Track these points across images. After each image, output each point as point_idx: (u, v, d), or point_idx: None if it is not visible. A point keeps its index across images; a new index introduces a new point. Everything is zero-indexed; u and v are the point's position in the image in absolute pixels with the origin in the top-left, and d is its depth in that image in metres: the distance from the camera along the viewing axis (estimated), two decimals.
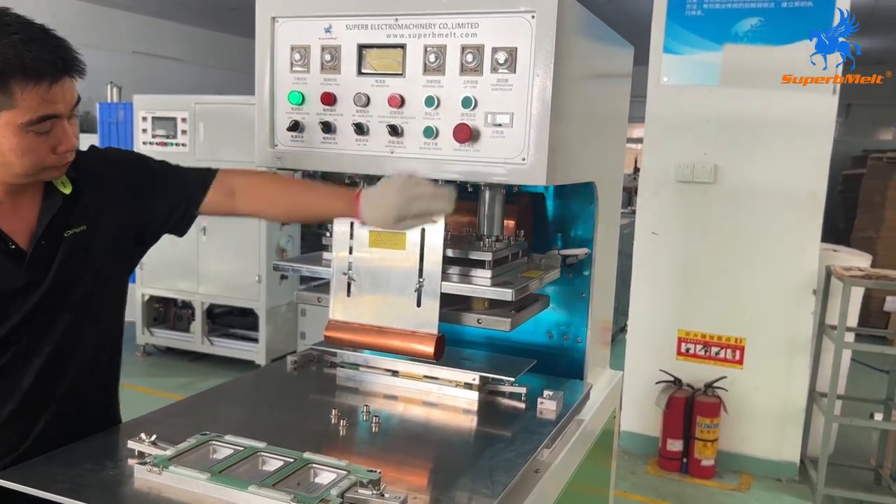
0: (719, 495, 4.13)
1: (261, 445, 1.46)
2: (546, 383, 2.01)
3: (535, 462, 1.61)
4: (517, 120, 1.62)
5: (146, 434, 1.46)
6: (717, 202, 4.29)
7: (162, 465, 1.36)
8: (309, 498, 1.27)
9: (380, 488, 1.30)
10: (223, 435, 1.50)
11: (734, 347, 4.35)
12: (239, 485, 1.30)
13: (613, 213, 2.41)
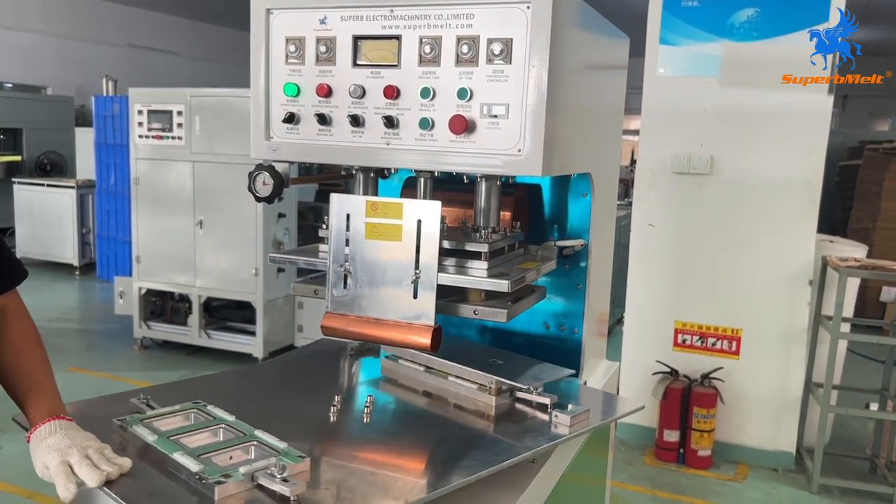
0: (716, 485, 4.15)
1: (229, 419, 1.62)
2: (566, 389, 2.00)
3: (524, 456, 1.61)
4: (513, 111, 1.62)
5: (144, 395, 1.71)
6: (713, 193, 4.30)
7: (130, 423, 1.57)
8: (216, 469, 1.38)
9: (283, 472, 1.34)
10: (207, 405, 1.68)
11: (730, 338, 4.36)
12: (170, 449, 1.45)
13: (610, 204, 2.41)
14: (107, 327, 7.03)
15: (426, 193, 1.91)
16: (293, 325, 6.14)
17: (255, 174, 1.91)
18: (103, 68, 10.59)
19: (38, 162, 11.86)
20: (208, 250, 5.97)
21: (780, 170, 4.14)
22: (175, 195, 5.97)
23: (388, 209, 1.75)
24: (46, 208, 9.39)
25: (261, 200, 1.91)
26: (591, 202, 2.13)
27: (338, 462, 1.55)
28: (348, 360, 2.24)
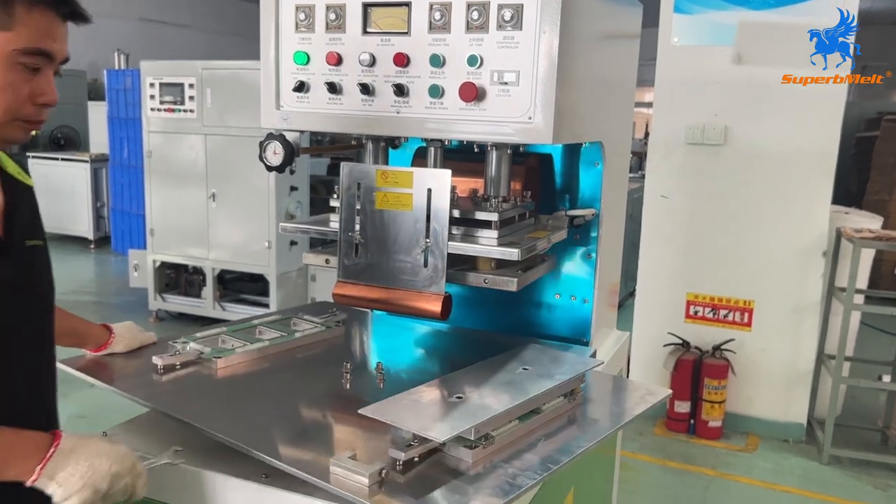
0: (726, 456, 4.17)
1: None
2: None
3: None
4: (523, 78, 1.61)
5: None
6: (726, 164, 4.26)
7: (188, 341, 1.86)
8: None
9: None
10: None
11: (742, 310, 4.35)
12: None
13: (621, 174, 2.40)
14: (122, 300, 7.10)
15: (437, 163, 1.91)
16: (306, 297, 6.18)
17: (266, 143, 1.92)
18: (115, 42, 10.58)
19: (52, 136, 11.91)
20: (221, 223, 5.99)
21: (794, 140, 4.10)
22: (187, 168, 5.98)
23: (398, 178, 1.75)
24: (61, 182, 9.44)
25: (272, 170, 1.92)
26: (603, 171, 2.12)
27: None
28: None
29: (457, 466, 1.35)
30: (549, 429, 1.53)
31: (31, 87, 1.23)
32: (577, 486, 1.94)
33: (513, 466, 1.35)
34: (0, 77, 1.19)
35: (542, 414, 1.53)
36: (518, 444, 1.45)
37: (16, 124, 1.25)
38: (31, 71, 1.22)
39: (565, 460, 1.40)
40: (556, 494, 1.79)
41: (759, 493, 3.80)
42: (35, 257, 1.38)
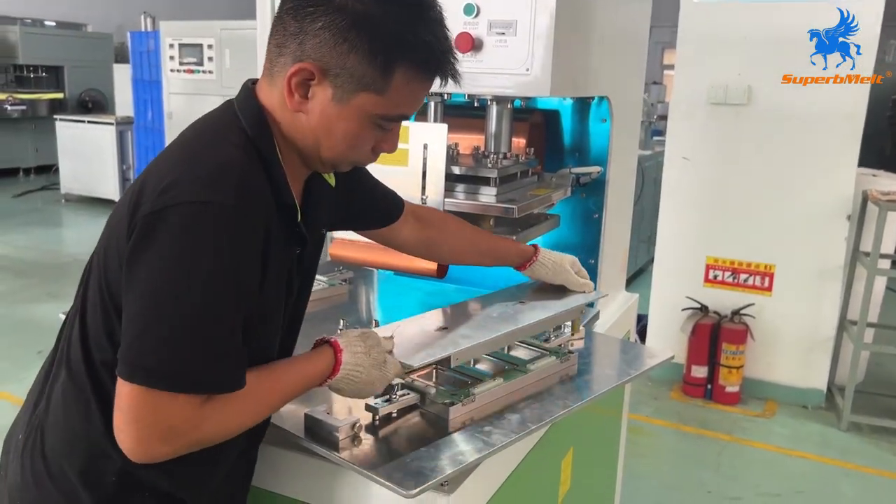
0: (743, 421, 4.13)
1: None
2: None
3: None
4: (521, 28, 1.56)
5: None
6: (749, 125, 4.15)
7: None
8: None
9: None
10: None
11: (763, 274, 4.27)
12: None
13: (631, 131, 2.34)
14: None
15: (437, 118, 1.88)
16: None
17: None
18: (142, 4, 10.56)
19: (80, 99, 12.01)
20: None
21: (820, 100, 3.96)
22: None
23: None
24: (87, 145, 9.53)
25: None
26: (610, 128, 2.06)
27: None
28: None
29: (434, 423, 1.34)
30: (536, 389, 1.51)
31: (378, 139, 1.21)
32: (576, 446, 1.93)
33: (491, 425, 1.34)
34: (353, 134, 1.17)
35: (531, 373, 1.51)
36: (500, 402, 1.43)
37: (350, 165, 1.26)
38: (380, 129, 1.20)
39: (547, 419, 1.38)
40: (554, 453, 1.78)
41: (774, 458, 3.76)
42: (313, 253, 1.37)
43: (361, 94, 1.12)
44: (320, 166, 1.24)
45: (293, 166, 1.21)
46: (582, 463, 2.00)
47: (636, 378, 1.70)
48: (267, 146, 1.16)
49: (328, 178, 1.36)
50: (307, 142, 1.18)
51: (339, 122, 1.14)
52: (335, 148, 1.18)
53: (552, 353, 1.60)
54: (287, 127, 1.17)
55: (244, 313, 1.08)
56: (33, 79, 11.97)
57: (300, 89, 1.13)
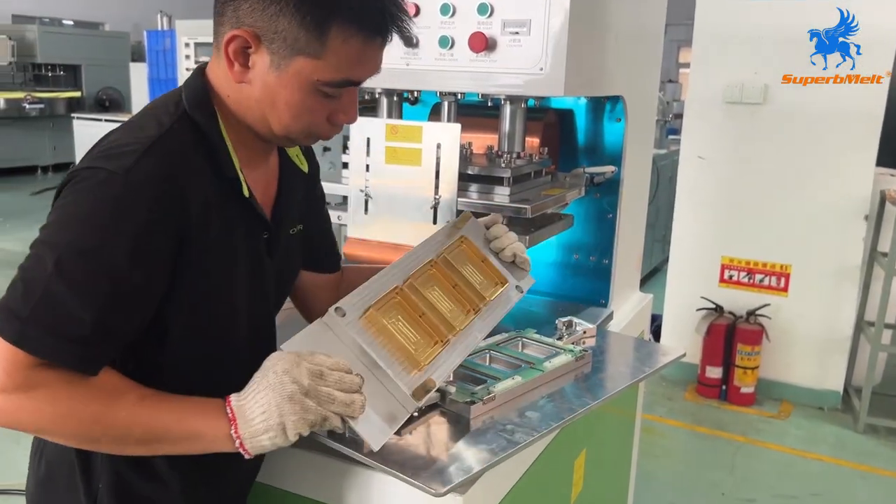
0: (758, 422, 4.10)
1: None
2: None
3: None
4: (535, 27, 1.56)
5: None
6: (766, 123, 4.11)
7: None
8: None
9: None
10: None
11: (779, 275, 4.24)
12: None
13: (646, 131, 2.33)
14: None
15: (450, 117, 1.87)
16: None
17: None
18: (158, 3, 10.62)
19: (97, 98, 12.11)
20: None
21: (838, 99, 3.92)
22: None
23: (407, 133, 1.72)
24: None
25: None
26: (625, 127, 2.05)
27: None
28: None
29: (456, 422, 1.34)
30: (553, 387, 1.50)
31: (330, 109, 1.15)
32: (589, 447, 1.92)
33: (512, 423, 1.33)
34: (298, 102, 1.11)
35: (547, 372, 1.51)
36: (520, 401, 1.42)
37: (308, 138, 1.20)
38: (331, 97, 1.13)
39: (567, 417, 1.37)
40: (567, 454, 1.77)
41: (790, 459, 3.73)
42: (289, 247, 1.32)
43: (298, 59, 1.06)
44: (277, 140, 1.19)
45: (247, 143, 1.17)
46: (595, 464, 1.99)
47: (652, 375, 1.69)
48: (206, 120, 1.12)
49: (300, 164, 1.34)
50: (255, 115, 1.13)
51: (280, 91, 1.09)
52: (282, 120, 1.12)
53: (567, 351, 1.60)
54: (234, 101, 1.14)
55: (130, 291, 1.02)
56: (51, 77, 12.08)
57: (239, 58, 1.09)
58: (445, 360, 1.27)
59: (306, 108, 1.11)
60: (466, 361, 1.52)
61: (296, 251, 1.36)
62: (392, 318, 1.25)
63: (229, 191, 1.13)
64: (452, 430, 1.31)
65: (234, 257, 1.15)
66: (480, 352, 1.58)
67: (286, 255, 1.31)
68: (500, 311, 1.43)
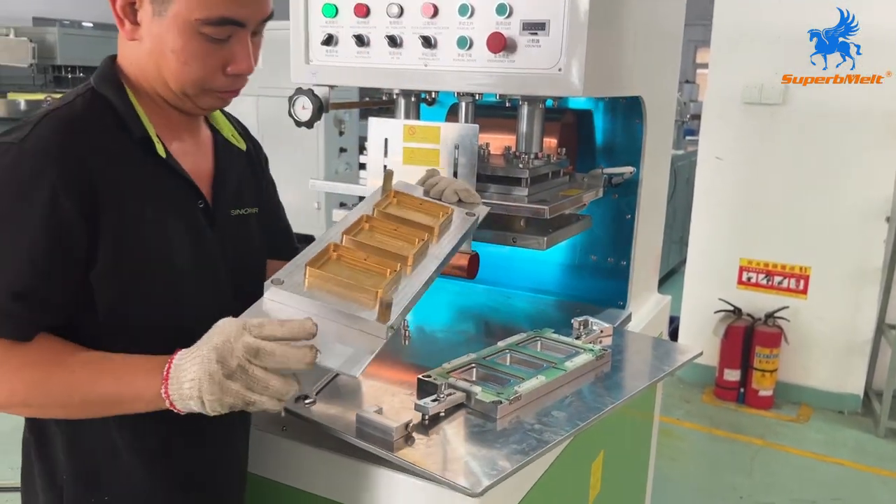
0: (777, 426, 4.06)
1: None
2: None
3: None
4: (553, 27, 1.54)
5: None
6: (785, 124, 4.07)
7: None
8: None
9: None
10: None
11: (798, 277, 4.20)
12: None
13: (665, 132, 2.31)
14: None
15: (468, 118, 1.86)
16: None
17: (295, 99, 1.90)
18: None
19: None
20: None
21: (859, 99, 3.88)
22: None
23: (425, 133, 1.72)
24: None
25: (300, 125, 1.91)
26: (643, 128, 2.04)
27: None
28: None
29: (483, 422, 1.33)
30: (575, 386, 1.49)
31: (222, 57, 1.13)
32: (607, 449, 1.91)
33: (539, 423, 1.33)
34: (182, 47, 1.10)
35: (569, 371, 1.50)
36: (544, 401, 1.42)
37: (208, 94, 1.17)
38: (217, 41, 1.12)
39: (593, 417, 1.36)
40: (584, 456, 1.77)
41: (809, 464, 3.69)
42: (239, 228, 1.30)
43: (174, 1, 1.08)
44: (180, 103, 1.18)
45: (162, 112, 1.18)
46: (612, 466, 1.98)
47: (671, 373, 1.68)
48: (113, 91, 1.14)
49: (236, 142, 1.34)
50: (152, 73, 1.14)
51: (166, 38, 1.10)
52: (174, 71, 1.12)
53: (587, 351, 1.59)
54: (133, 66, 1.16)
55: (45, 257, 1.03)
56: (71, 79, 12.17)
57: (128, 15, 1.11)
58: (406, 284, 1.20)
59: (193, 54, 1.11)
60: (488, 361, 1.51)
61: (253, 235, 1.34)
62: (334, 270, 1.18)
63: (145, 155, 1.14)
64: (479, 430, 1.30)
65: (164, 223, 1.14)
66: (500, 352, 1.58)
67: (238, 235, 1.29)
68: (455, 234, 1.37)
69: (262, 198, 1.43)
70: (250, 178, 1.39)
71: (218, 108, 1.25)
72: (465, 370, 1.47)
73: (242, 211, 1.32)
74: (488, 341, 1.77)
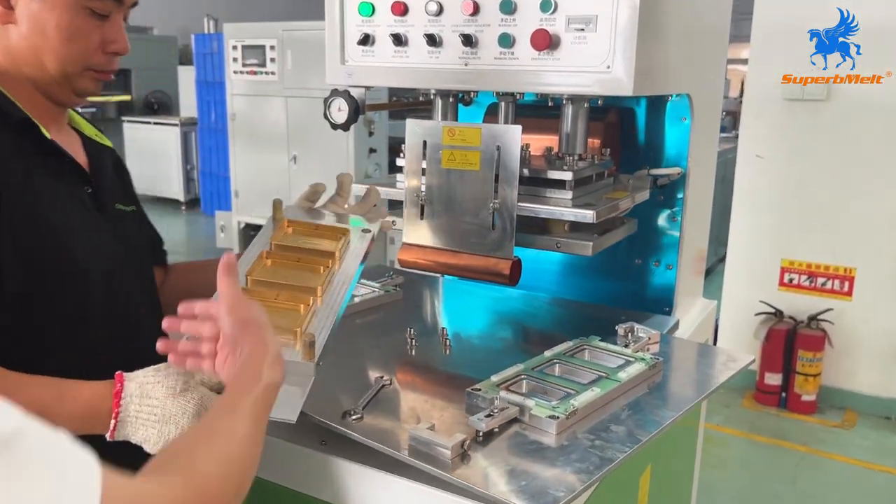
0: (820, 432, 3.94)
1: None
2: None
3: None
4: (602, 23, 1.47)
5: None
6: (829, 121, 3.95)
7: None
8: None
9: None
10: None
11: (843, 278, 4.06)
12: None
13: (711, 130, 2.23)
14: None
15: (508, 119, 1.80)
16: (384, 259, 6.18)
17: (330, 100, 1.85)
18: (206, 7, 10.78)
19: (146, 101, 12.32)
20: (302, 185, 5.96)
21: None
22: (269, 131, 6.04)
23: (465, 135, 1.65)
24: (153, 145, 9.76)
25: (336, 127, 1.86)
26: (691, 127, 1.96)
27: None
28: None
29: (539, 438, 1.26)
30: (629, 398, 1.42)
31: (102, 35, 1.19)
32: (654, 462, 1.83)
33: (599, 438, 1.26)
34: (67, 23, 1.14)
35: (624, 382, 1.43)
36: (599, 414, 1.35)
37: (87, 74, 1.21)
38: (99, 17, 1.17)
39: (654, 431, 1.29)
40: (632, 471, 1.69)
41: (855, 472, 3.57)
42: (126, 223, 1.32)
43: None
44: (57, 86, 1.18)
45: (32, 101, 1.17)
46: (659, 479, 1.90)
47: (726, 383, 1.60)
48: None
49: (101, 140, 1.35)
50: (29, 58, 1.14)
51: (48, 16, 1.12)
52: (55, 49, 1.14)
53: (639, 360, 1.52)
54: (8, 52, 1.15)
55: None
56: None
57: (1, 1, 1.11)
58: (322, 315, 1.23)
59: (77, 30, 1.14)
60: (537, 372, 1.45)
61: (137, 233, 1.36)
62: None
63: (25, 139, 1.12)
64: (536, 447, 1.24)
65: (54, 206, 1.13)
66: (549, 362, 1.51)
67: (126, 230, 1.30)
68: (357, 253, 1.40)
69: (135, 198, 1.43)
70: (120, 177, 1.39)
71: (92, 92, 1.25)
72: (515, 382, 1.41)
73: (125, 207, 1.33)
74: (531, 349, 1.71)
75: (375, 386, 1.42)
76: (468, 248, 1.69)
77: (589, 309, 2.09)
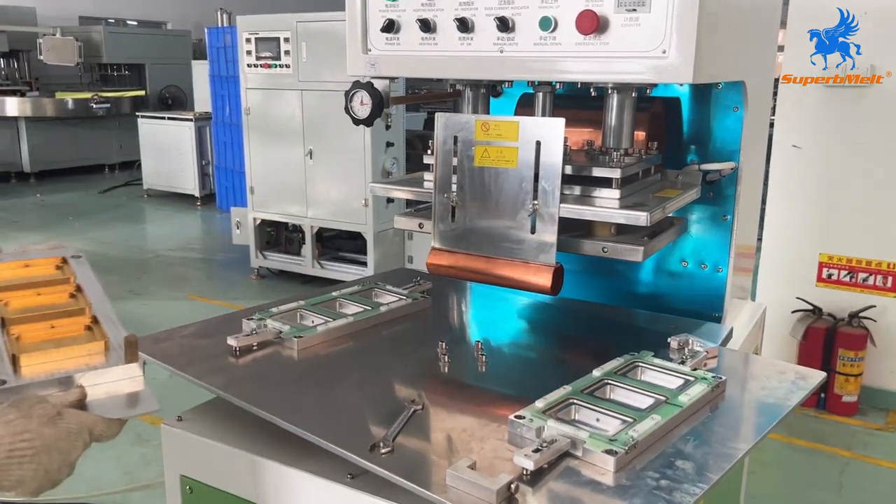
0: (862, 434, 3.76)
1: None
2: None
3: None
4: (656, 3, 1.31)
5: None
6: (871, 108, 3.74)
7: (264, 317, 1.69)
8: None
9: None
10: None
11: (886, 273, 3.87)
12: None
13: (762, 121, 2.06)
14: (226, 257, 7.20)
15: (546, 111, 1.65)
16: (403, 256, 6.04)
17: (352, 93, 1.70)
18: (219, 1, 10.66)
19: (161, 96, 12.26)
20: (318, 181, 5.90)
21: None
22: (284, 125, 5.90)
23: (501, 129, 1.50)
24: (168, 141, 9.65)
25: (359, 123, 1.71)
26: (744, 117, 1.79)
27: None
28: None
29: (596, 477, 1.11)
30: (691, 424, 1.27)
31: None
32: None
33: (665, 477, 1.10)
34: None
35: (685, 408, 1.27)
36: (661, 445, 1.19)
37: None
38: None
39: (727, 467, 1.14)
40: None
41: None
42: None
43: None
44: None
45: None
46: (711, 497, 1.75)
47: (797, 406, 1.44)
48: None
49: None
50: None
51: None
52: None
53: (701, 380, 1.36)
54: None
55: None
56: (116, 77, 12.28)
57: None
58: (105, 322, 1.21)
59: None
60: (586, 397, 1.29)
61: None
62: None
63: None
64: (594, 488, 1.08)
65: None
66: (598, 384, 1.35)
67: None
68: (85, 271, 1.37)
69: None
70: None
71: None
72: (563, 408, 1.26)
73: None
74: (574, 364, 1.56)
75: (406, 411, 1.28)
76: (504, 254, 1.54)
77: (632, 316, 1.93)
